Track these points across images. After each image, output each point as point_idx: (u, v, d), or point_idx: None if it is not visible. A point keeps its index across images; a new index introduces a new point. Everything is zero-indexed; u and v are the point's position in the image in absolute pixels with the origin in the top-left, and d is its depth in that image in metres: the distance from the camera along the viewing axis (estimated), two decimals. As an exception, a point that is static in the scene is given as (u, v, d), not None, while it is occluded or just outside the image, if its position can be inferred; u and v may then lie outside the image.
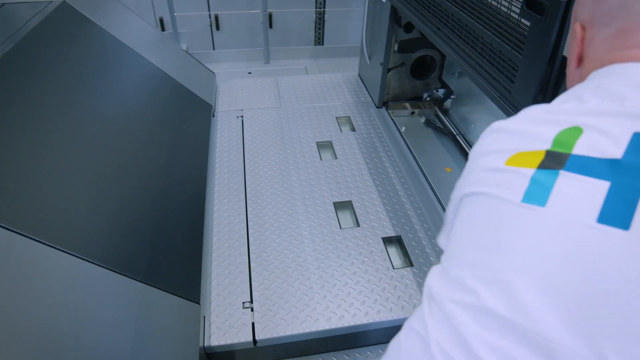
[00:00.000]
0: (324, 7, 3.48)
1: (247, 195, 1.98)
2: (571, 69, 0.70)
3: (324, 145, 2.31)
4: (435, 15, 1.64)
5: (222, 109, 2.55)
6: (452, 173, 2.14)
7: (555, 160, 0.55)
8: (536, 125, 0.60)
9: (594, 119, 0.55)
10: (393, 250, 1.77)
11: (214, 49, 3.57)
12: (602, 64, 0.62)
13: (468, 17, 1.38)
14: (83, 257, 1.17)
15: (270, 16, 3.43)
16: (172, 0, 2.92)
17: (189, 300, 1.42)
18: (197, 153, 2.14)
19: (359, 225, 1.82)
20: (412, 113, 2.54)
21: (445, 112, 2.53)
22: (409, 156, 2.23)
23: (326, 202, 1.93)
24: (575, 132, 0.56)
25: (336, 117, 2.51)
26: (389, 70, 2.46)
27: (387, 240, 1.77)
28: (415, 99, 2.62)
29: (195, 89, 2.43)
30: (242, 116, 2.50)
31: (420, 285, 1.59)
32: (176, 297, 1.40)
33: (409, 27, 2.30)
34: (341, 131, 2.41)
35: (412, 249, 1.74)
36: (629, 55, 0.59)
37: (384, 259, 1.69)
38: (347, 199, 1.94)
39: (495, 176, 0.58)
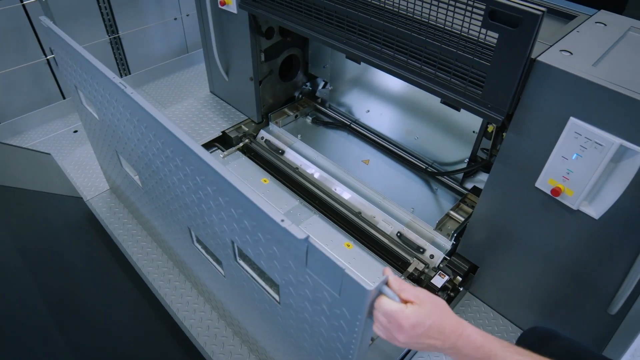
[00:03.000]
0: (118, 32, 2.90)
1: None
2: None
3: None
4: (346, 26, 1.56)
5: (92, 194, 2.01)
6: (372, 163, 2.20)
7: None
8: None
9: None
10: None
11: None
12: None
13: (402, 30, 1.37)
14: None
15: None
16: None
17: None
18: (107, 280, 1.67)
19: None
20: (296, 117, 2.47)
21: (324, 103, 2.53)
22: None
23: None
24: None
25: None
26: (261, 82, 2.28)
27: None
28: (289, 101, 2.54)
29: (44, 186, 1.84)
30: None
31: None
32: None
33: (270, 33, 2.15)
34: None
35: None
36: None
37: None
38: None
39: None
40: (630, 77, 1.12)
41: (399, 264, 1.81)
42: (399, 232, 1.88)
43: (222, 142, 2.36)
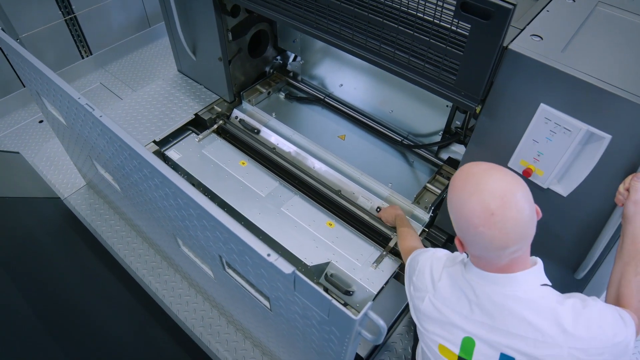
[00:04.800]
0: (73, 11, 2.70)
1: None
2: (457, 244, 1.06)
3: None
4: (316, 10, 1.52)
5: (69, 192, 1.97)
6: (348, 138, 2.21)
7: None
8: (449, 328, 1.05)
9: (478, 330, 1.00)
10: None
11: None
12: (484, 269, 1.01)
13: (382, 20, 1.35)
14: None
15: None
16: None
17: None
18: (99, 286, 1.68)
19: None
20: (269, 93, 2.42)
21: (296, 77, 2.48)
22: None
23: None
24: (470, 343, 1.01)
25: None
26: (230, 61, 2.21)
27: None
28: (260, 77, 2.48)
29: (16, 191, 1.79)
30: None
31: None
32: None
33: (235, 11, 2.06)
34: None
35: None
36: (498, 271, 1.00)
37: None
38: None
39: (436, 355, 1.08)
40: (596, 63, 1.14)
41: (380, 240, 1.88)
42: (378, 207, 1.94)
43: (196, 124, 2.32)
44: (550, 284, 1.02)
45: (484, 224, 0.91)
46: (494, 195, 0.92)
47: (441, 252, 1.23)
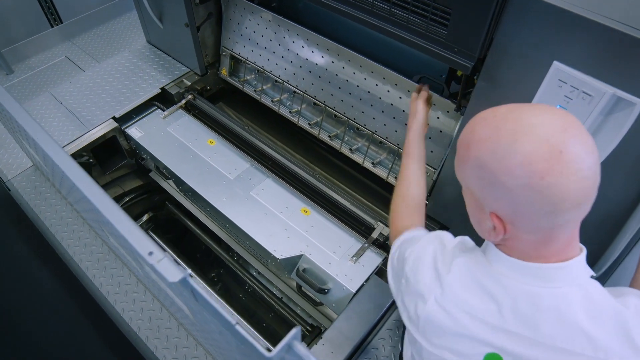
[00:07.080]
0: None
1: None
2: (484, 231, 0.74)
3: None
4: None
5: (13, 173, 1.74)
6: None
7: None
8: (466, 342, 0.75)
9: (511, 345, 0.71)
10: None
11: None
12: (526, 257, 0.71)
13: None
14: None
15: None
16: None
17: None
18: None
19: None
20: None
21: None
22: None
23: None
24: None
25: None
26: (199, 28, 1.96)
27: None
28: (237, 47, 2.22)
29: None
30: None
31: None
32: None
33: (201, -32, 1.80)
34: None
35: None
36: (548, 258, 0.70)
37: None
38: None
39: None
40: (625, 7, 0.88)
41: (362, 229, 1.64)
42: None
43: (162, 99, 2.07)
44: (595, 275, 0.73)
45: (552, 170, 0.60)
46: (551, 128, 0.62)
47: (448, 236, 0.89)
